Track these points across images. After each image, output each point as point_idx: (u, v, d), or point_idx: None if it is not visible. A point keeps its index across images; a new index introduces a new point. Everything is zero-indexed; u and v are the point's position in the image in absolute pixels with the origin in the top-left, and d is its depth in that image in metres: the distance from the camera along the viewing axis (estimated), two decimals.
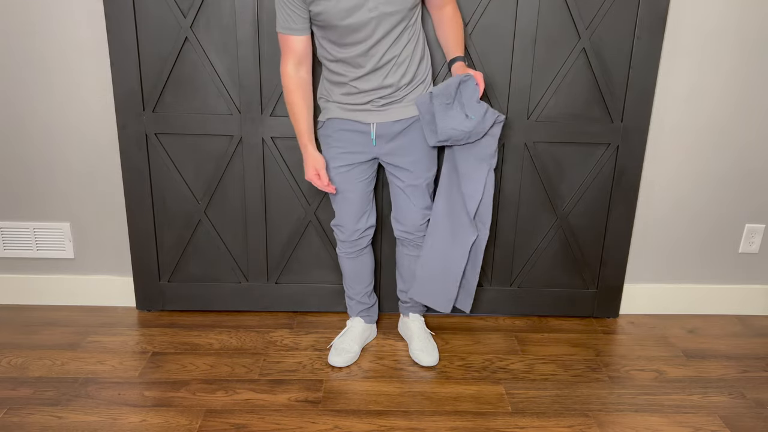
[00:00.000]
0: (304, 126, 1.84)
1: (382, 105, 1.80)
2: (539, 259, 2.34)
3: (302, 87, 1.80)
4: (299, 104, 1.81)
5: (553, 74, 2.11)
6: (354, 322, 2.15)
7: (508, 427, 1.79)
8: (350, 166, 1.89)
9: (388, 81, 1.75)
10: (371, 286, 2.13)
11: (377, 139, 1.85)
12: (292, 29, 1.72)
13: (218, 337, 2.21)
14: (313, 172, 1.87)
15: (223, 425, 1.76)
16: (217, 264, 2.32)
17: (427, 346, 2.09)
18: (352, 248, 2.03)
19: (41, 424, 1.74)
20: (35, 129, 2.20)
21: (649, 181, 2.30)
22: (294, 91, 1.80)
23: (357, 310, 2.15)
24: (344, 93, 1.80)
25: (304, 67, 1.79)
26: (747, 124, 2.24)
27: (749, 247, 2.40)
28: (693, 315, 2.48)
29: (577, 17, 2.04)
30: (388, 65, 1.73)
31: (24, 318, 2.31)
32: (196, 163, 2.19)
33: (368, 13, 1.63)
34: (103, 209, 2.29)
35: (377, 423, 1.79)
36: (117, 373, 1.99)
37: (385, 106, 1.81)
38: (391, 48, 1.71)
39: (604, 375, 2.05)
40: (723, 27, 2.12)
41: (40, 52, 2.11)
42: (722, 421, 1.84)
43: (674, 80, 2.18)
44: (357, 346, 2.10)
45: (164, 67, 2.07)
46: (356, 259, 2.05)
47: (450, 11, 1.84)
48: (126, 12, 2.01)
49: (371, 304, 2.17)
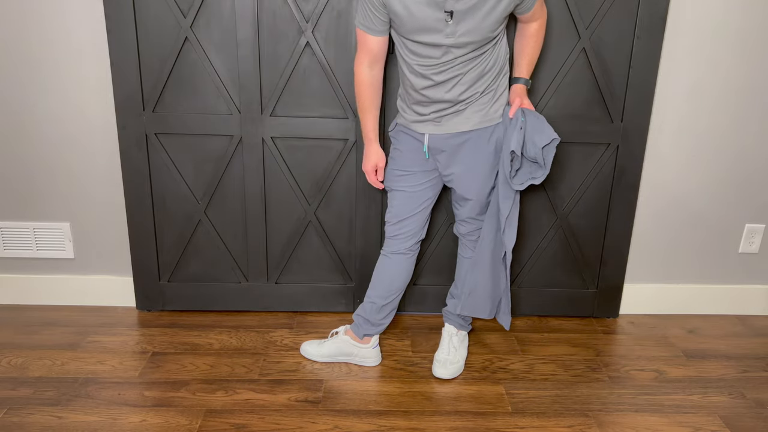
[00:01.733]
0: (370, 122, 1.85)
1: (439, 116, 1.77)
2: (539, 259, 2.34)
3: (374, 85, 1.80)
4: (368, 101, 1.82)
5: (553, 74, 2.11)
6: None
7: (508, 427, 1.79)
8: (408, 172, 1.88)
9: (453, 94, 1.72)
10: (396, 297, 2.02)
11: (430, 151, 1.83)
12: (370, 29, 1.70)
13: (218, 337, 2.21)
14: (371, 167, 1.90)
15: (223, 425, 1.76)
16: (217, 264, 2.32)
17: (446, 358, 2.02)
18: (408, 251, 1.96)
19: (41, 424, 1.74)
20: (35, 129, 2.20)
21: (649, 181, 2.30)
22: (365, 88, 1.80)
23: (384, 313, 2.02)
24: (414, 102, 1.78)
25: (377, 65, 1.78)
26: (747, 124, 2.24)
27: (749, 247, 2.40)
28: (693, 315, 2.48)
29: (577, 17, 2.04)
30: (455, 79, 1.70)
31: (24, 318, 2.31)
32: (196, 163, 2.19)
33: (444, 39, 1.62)
34: (103, 209, 2.30)
35: (377, 423, 1.79)
36: (117, 373, 1.99)
37: (442, 118, 1.77)
38: (467, 66, 1.68)
39: (604, 375, 2.05)
40: (723, 27, 2.12)
41: (40, 52, 2.11)
42: (722, 421, 1.84)
43: (674, 80, 2.18)
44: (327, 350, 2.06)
45: (164, 67, 2.07)
46: (407, 261, 1.97)
47: (535, 27, 1.80)
48: (126, 12, 2.01)
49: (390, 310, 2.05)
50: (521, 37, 1.83)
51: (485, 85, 1.73)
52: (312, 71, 2.08)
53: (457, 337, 2.08)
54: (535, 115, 1.78)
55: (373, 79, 1.79)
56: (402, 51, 1.72)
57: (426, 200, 1.91)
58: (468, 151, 1.80)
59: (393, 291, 1.97)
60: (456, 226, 2.00)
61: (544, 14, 1.81)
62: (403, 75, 1.77)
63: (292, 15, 2.03)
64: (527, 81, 1.85)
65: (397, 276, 1.96)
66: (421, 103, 1.76)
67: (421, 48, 1.66)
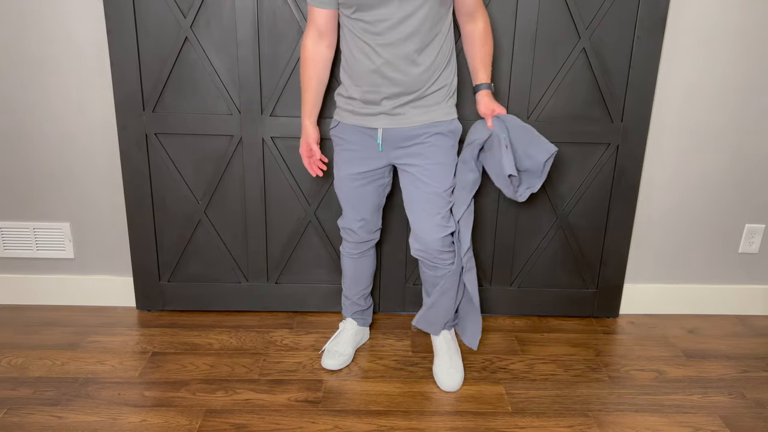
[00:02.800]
0: (308, 100, 1.83)
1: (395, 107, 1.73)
2: (539, 259, 2.34)
3: (319, 60, 1.77)
4: (311, 76, 1.79)
5: (553, 74, 2.11)
6: (347, 324, 2.13)
7: (508, 427, 1.79)
8: (361, 174, 1.85)
9: (409, 71, 1.67)
10: (369, 289, 2.12)
11: (384, 143, 1.79)
12: (318, 1, 1.70)
13: (218, 337, 2.21)
14: (305, 146, 1.86)
15: (223, 425, 1.76)
16: (217, 264, 2.32)
17: (449, 367, 1.96)
18: (356, 249, 2.01)
19: (41, 424, 1.74)
20: (35, 129, 2.20)
21: (649, 181, 2.30)
22: (308, 64, 1.78)
23: (351, 311, 2.14)
24: (363, 90, 1.73)
25: (325, 41, 1.76)
26: (747, 123, 2.24)
27: (749, 247, 2.40)
28: (693, 315, 2.48)
29: (577, 17, 2.04)
30: (409, 45, 1.64)
31: (24, 318, 2.31)
32: (196, 163, 2.19)
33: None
34: (103, 209, 2.30)
35: (377, 423, 1.79)
36: (117, 373, 1.99)
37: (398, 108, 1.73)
38: (415, 36, 1.64)
39: (604, 375, 2.05)
40: (723, 27, 2.12)
41: (40, 52, 2.11)
42: (722, 421, 1.84)
43: (674, 80, 2.18)
44: (350, 348, 2.08)
45: (164, 67, 2.07)
46: (358, 260, 2.04)
47: (482, 27, 1.76)
48: (126, 12, 2.01)
49: (366, 306, 2.15)
50: (469, 41, 1.78)
51: (437, 75, 1.71)
52: None
53: (452, 338, 2.04)
54: (520, 125, 1.76)
55: (318, 54, 1.77)
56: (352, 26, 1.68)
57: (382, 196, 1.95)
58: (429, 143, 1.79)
59: None
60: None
61: (484, 11, 1.77)
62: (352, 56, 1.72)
63: (292, 15, 2.03)
64: (490, 85, 1.80)
65: None
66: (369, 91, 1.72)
67: (371, 8, 1.62)
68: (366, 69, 1.69)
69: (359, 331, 2.15)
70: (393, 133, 1.76)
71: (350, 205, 1.92)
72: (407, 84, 1.69)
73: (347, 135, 1.83)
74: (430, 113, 1.75)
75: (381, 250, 2.30)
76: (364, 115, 1.77)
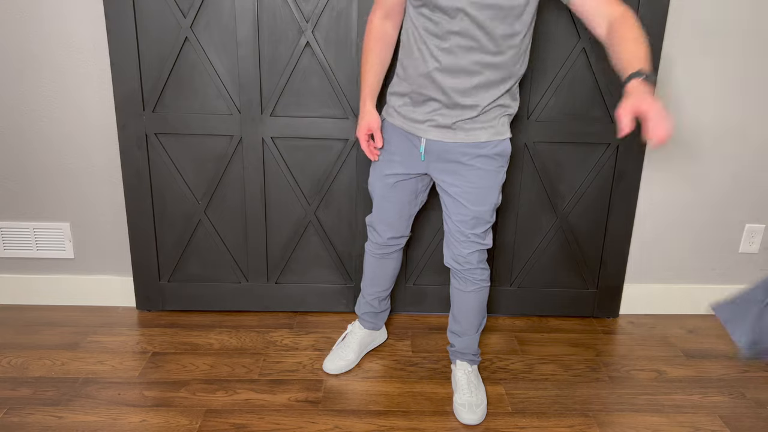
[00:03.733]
0: (370, 79, 1.74)
1: (444, 125, 1.63)
2: (539, 259, 2.34)
3: (383, 40, 1.71)
4: (374, 55, 1.72)
5: (553, 74, 2.11)
6: (354, 327, 2.10)
7: (508, 427, 1.79)
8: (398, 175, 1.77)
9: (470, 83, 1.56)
10: (386, 292, 2.05)
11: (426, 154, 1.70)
12: None
13: (218, 337, 2.21)
14: (364, 131, 1.76)
15: (223, 425, 1.76)
16: (217, 264, 2.32)
17: (471, 401, 1.82)
18: (378, 249, 1.95)
19: (41, 424, 1.74)
20: (35, 129, 2.20)
21: (649, 181, 2.30)
22: (373, 41, 1.71)
23: (363, 310, 2.08)
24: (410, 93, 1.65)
25: (391, 21, 1.70)
26: (747, 123, 2.24)
27: (749, 247, 2.40)
28: (693, 315, 2.48)
29: (576, 17, 2.04)
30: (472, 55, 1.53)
31: (24, 318, 2.31)
32: (196, 163, 2.19)
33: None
34: (103, 209, 2.30)
35: (377, 423, 1.79)
36: (117, 373, 1.99)
37: (446, 126, 1.63)
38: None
39: (604, 375, 2.05)
40: (723, 27, 2.12)
41: (40, 52, 2.11)
42: (722, 421, 1.84)
43: (674, 80, 2.18)
44: (353, 354, 2.04)
45: (164, 67, 2.07)
46: (380, 260, 1.97)
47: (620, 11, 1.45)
48: (126, 12, 2.01)
49: (380, 310, 2.07)
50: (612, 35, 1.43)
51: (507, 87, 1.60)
52: (312, 71, 2.08)
53: (473, 373, 1.91)
54: None
55: (384, 33, 1.70)
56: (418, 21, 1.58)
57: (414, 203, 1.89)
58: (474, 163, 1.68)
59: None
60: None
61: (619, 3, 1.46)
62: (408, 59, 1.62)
63: (292, 15, 2.03)
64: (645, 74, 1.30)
65: None
66: (417, 102, 1.66)
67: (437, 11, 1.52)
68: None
69: (367, 335, 2.09)
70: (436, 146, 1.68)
71: (378, 205, 1.86)
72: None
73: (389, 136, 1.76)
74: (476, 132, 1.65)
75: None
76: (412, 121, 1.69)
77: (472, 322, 1.87)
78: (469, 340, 1.90)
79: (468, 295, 1.83)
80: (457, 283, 1.84)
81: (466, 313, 1.86)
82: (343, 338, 2.10)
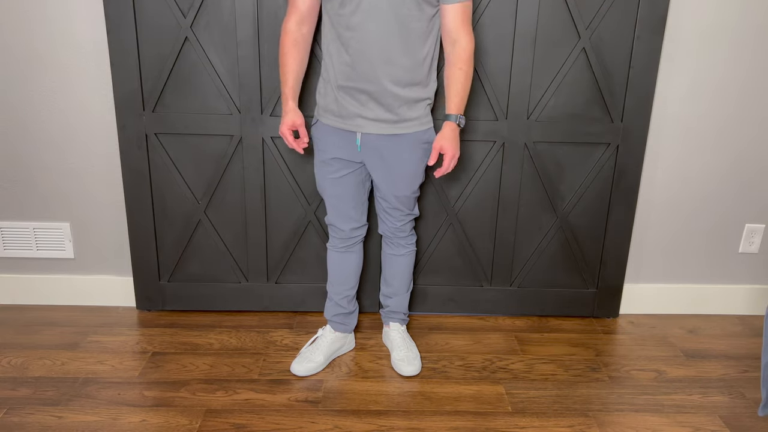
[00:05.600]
0: (290, 82, 1.83)
1: (372, 118, 1.77)
2: (539, 259, 2.34)
3: (298, 45, 1.80)
4: (291, 61, 1.81)
5: (553, 74, 2.11)
6: (325, 330, 2.10)
7: (508, 427, 1.79)
8: (340, 170, 1.88)
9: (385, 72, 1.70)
10: (354, 290, 2.08)
11: (362, 146, 1.82)
12: None
13: (218, 337, 2.21)
14: (287, 127, 1.85)
15: (223, 425, 1.76)
16: (217, 264, 2.32)
17: (407, 355, 2.04)
18: (343, 243, 2.01)
19: (41, 424, 1.74)
20: (35, 129, 2.20)
21: (649, 181, 2.30)
22: (289, 48, 1.80)
23: (332, 313, 2.08)
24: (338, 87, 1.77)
25: (306, 26, 1.80)
26: (747, 123, 2.24)
27: (749, 247, 2.40)
28: (693, 315, 2.48)
29: (577, 17, 2.04)
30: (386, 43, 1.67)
31: (24, 318, 2.31)
32: (196, 163, 2.19)
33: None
34: (103, 209, 2.30)
35: (377, 423, 1.79)
36: (117, 373, 1.99)
37: (374, 119, 1.77)
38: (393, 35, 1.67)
39: (604, 375, 2.05)
40: (723, 27, 2.12)
41: (40, 52, 2.11)
42: (722, 421, 1.84)
43: (674, 80, 2.18)
44: (321, 356, 2.03)
45: (164, 67, 2.07)
46: (344, 255, 2.02)
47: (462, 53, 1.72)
48: (126, 12, 2.01)
49: (350, 310, 2.09)
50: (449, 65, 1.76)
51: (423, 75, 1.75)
52: (312, 71, 2.08)
53: (405, 332, 2.14)
54: None
55: (300, 37, 1.80)
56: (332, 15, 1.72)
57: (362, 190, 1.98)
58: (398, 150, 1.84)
59: None
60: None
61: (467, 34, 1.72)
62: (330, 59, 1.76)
63: None
64: (456, 117, 1.77)
65: None
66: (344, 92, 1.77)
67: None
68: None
69: (338, 338, 2.09)
70: (369, 137, 1.80)
71: (331, 201, 1.94)
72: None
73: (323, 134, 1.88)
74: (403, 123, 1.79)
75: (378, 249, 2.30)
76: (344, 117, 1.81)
77: (402, 283, 2.09)
78: (400, 299, 2.11)
79: (399, 259, 2.05)
80: (389, 249, 2.05)
81: (398, 275, 2.07)
82: (312, 342, 2.10)
